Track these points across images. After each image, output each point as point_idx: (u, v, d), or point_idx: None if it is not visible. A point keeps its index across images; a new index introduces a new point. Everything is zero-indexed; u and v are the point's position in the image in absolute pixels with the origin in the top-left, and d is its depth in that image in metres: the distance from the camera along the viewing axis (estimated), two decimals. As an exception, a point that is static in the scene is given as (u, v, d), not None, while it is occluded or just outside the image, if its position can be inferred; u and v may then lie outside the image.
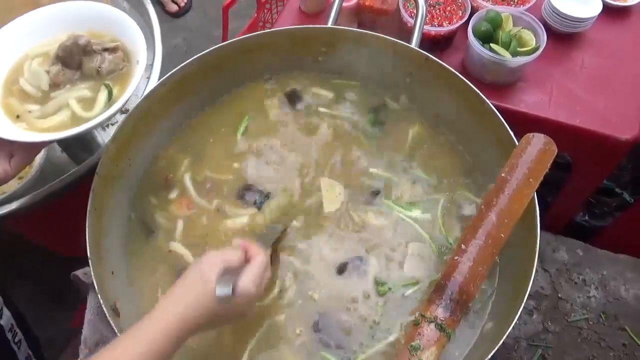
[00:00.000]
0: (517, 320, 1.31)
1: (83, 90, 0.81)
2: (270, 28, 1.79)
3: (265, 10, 1.82)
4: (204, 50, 0.94)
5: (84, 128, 0.74)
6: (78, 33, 0.82)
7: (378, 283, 0.84)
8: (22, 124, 0.77)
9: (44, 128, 0.77)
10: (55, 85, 0.80)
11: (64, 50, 0.79)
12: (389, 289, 0.84)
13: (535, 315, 1.30)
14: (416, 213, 0.92)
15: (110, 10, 0.84)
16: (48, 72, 0.80)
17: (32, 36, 0.83)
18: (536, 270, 1.42)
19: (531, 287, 1.33)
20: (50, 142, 0.76)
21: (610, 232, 1.58)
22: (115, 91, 0.79)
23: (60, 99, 0.80)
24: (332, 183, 0.94)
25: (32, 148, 0.76)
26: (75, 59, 0.80)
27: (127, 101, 0.77)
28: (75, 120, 0.78)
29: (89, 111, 0.78)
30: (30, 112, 0.78)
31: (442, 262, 0.86)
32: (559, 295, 1.32)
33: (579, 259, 1.37)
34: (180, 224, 0.91)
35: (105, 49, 0.80)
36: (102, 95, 0.79)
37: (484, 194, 0.85)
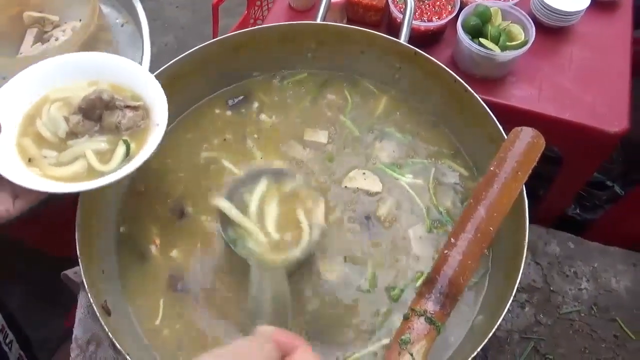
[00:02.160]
0: (510, 313, 1.33)
1: (101, 142, 0.79)
2: (260, 25, 1.79)
3: (256, 7, 1.81)
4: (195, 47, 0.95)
5: (101, 183, 0.72)
6: (101, 86, 0.82)
7: (389, 289, 0.85)
8: (35, 169, 0.75)
9: (56, 176, 0.74)
10: (72, 134, 0.79)
11: (87, 103, 0.78)
12: (401, 290, 0.84)
13: (528, 308, 1.31)
14: (408, 178, 0.94)
15: (135, 67, 0.84)
16: (67, 119, 0.79)
17: (53, 80, 0.82)
18: (528, 264, 1.44)
19: (523, 280, 1.36)
20: (63, 194, 0.72)
21: (601, 225, 1.60)
22: (132, 146, 0.78)
23: (77, 148, 0.78)
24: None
25: (39, 193, 0.73)
26: (96, 112, 0.79)
27: (145, 161, 0.75)
28: (91, 172, 0.76)
29: (104, 164, 0.77)
30: (45, 157, 0.76)
31: (436, 240, 0.89)
32: (551, 288, 1.33)
33: (570, 252, 1.38)
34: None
35: (127, 106, 0.80)
36: (120, 150, 0.78)
37: (473, 189, 0.86)
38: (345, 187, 0.94)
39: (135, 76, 0.83)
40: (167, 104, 0.79)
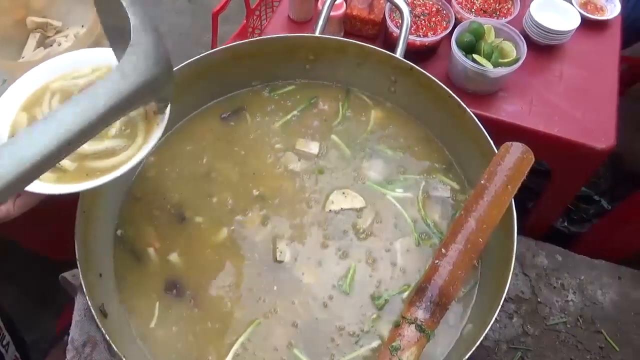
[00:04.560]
0: (498, 323, 1.35)
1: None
2: (259, 34, 1.82)
3: (255, 17, 1.84)
4: (192, 56, 0.95)
5: (103, 180, 0.70)
6: (103, 70, 0.79)
7: (374, 298, 0.86)
8: None
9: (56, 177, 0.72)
10: None
11: None
12: (386, 300, 0.86)
13: (515, 319, 1.33)
14: (398, 192, 0.96)
15: None
16: None
17: (54, 70, 0.80)
18: (516, 275, 1.46)
19: (512, 291, 1.38)
20: (66, 194, 0.70)
21: (589, 238, 1.63)
22: (139, 139, 0.75)
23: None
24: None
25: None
26: None
27: (147, 153, 0.73)
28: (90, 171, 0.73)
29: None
30: None
31: (424, 253, 0.90)
32: (539, 300, 1.35)
33: (558, 264, 1.40)
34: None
35: None
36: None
37: (464, 203, 0.88)
38: (330, 210, 0.94)
39: None
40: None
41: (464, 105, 0.92)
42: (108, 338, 0.72)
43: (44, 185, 0.71)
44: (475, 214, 0.79)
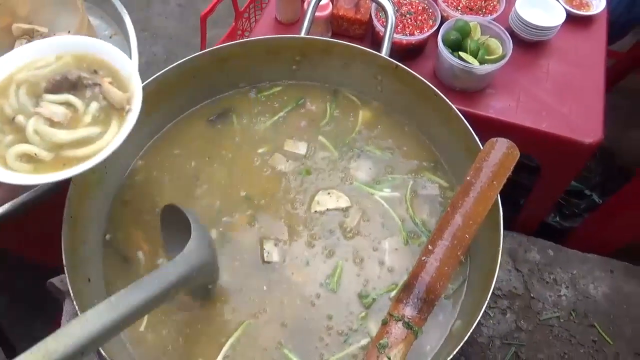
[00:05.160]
0: (491, 319, 1.35)
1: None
2: (248, 36, 1.82)
3: (244, 19, 1.84)
4: (183, 58, 0.96)
5: (81, 169, 0.69)
6: (66, 59, 0.78)
7: (362, 297, 0.86)
8: None
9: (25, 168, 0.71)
10: None
11: (53, 85, 0.75)
12: (373, 299, 0.86)
13: (509, 315, 1.34)
14: (386, 192, 0.95)
15: (113, 49, 0.80)
16: (36, 104, 0.75)
17: (20, 58, 0.79)
18: (509, 271, 1.46)
19: (504, 287, 1.38)
20: (33, 185, 0.72)
21: (580, 233, 1.63)
22: (114, 127, 0.75)
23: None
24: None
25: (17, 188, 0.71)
26: (63, 94, 0.76)
27: (123, 140, 0.72)
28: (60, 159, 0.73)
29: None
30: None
31: (412, 252, 0.89)
32: (531, 295, 1.36)
33: (550, 259, 1.41)
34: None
35: (97, 84, 0.76)
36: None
37: (451, 198, 0.88)
38: (315, 211, 0.94)
39: (108, 53, 0.80)
40: (141, 87, 0.75)
41: (449, 103, 0.92)
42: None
43: (20, 176, 0.70)
44: (461, 210, 0.79)
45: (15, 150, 0.72)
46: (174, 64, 0.96)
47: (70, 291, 0.75)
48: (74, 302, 0.74)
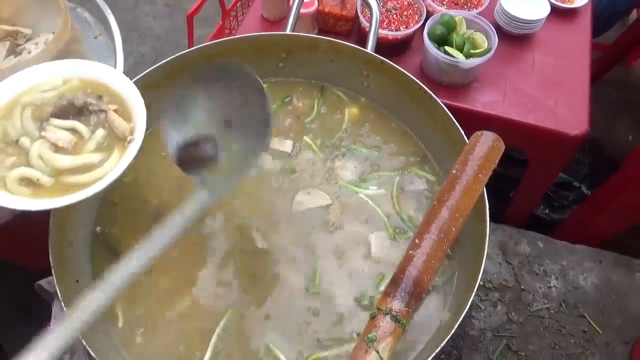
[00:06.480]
0: (482, 312, 1.36)
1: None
2: (235, 34, 1.82)
3: (231, 18, 1.84)
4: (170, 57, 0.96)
5: (80, 197, 0.69)
6: (73, 83, 0.79)
7: (359, 301, 0.86)
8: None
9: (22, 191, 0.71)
10: None
11: (60, 110, 0.75)
12: (362, 298, 0.86)
13: (500, 307, 1.35)
14: (372, 190, 0.96)
15: (115, 73, 0.80)
16: (40, 128, 0.75)
17: (26, 81, 0.79)
18: (500, 264, 1.47)
19: (495, 280, 1.39)
20: (42, 211, 0.69)
21: (569, 224, 1.65)
22: (116, 154, 0.75)
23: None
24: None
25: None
26: (69, 119, 0.76)
27: (119, 176, 0.72)
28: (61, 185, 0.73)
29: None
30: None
31: (399, 247, 0.90)
32: (522, 287, 1.37)
33: (539, 251, 1.42)
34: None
35: (102, 111, 0.76)
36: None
37: (437, 192, 0.89)
38: (296, 211, 0.94)
39: (115, 80, 0.80)
40: (145, 115, 0.76)
41: (434, 97, 0.93)
42: (85, 344, 0.71)
43: (19, 200, 0.69)
44: (448, 204, 0.80)
45: (17, 173, 0.72)
46: (161, 62, 0.95)
47: (59, 293, 0.75)
48: (62, 304, 0.74)
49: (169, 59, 0.97)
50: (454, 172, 0.83)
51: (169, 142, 0.74)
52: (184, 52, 0.98)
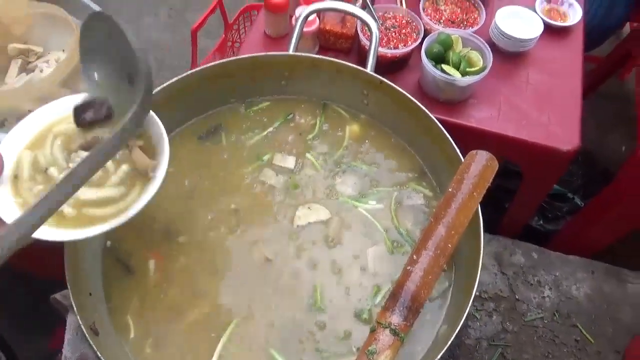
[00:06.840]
0: (478, 322, 1.40)
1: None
2: (238, 48, 1.85)
3: (233, 31, 1.88)
4: (175, 70, 0.98)
5: (103, 229, 0.71)
6: None
7: (358, 315, 0.90)
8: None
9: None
10: None
11: (88, 143, 0.77)
12: (361, 310, 0.89)
13: (495, 317, 1.38)
14: (371, 204, 1.00)
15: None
16: (68, 159, 0.77)
17: (59, 113, 0.80)
18: (495, 274, 1.51)
19: (490, 290, 1.43)
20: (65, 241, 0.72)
21: (563, 235, 1.68)
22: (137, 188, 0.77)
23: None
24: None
25: None
26: None
27: (140, 209, 0.74)
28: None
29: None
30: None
31: (396, 261, 0.93)
32: (517, 297, 1.40)
33: (534, 262, 1.45)
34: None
35: (128, 146, 0.78)
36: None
37: (434, 209, 0.93)
38: (297, 225, 0.98)
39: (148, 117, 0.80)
40: (168, 154, 0.77)
41: (430, 115, 0.97)
42: (100, 355, 0.75)
43: (44, 229, 0.68)
44: (444, 221, 0.84)
45: None
46: (162, 86, 0.97)
47: (74, 307, 0.78)
48: (78, 317, 0.77)
49: (170, 81, 0.99)
50: (450, 190, 0.87)
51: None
52: (187, 73, 1.01)
